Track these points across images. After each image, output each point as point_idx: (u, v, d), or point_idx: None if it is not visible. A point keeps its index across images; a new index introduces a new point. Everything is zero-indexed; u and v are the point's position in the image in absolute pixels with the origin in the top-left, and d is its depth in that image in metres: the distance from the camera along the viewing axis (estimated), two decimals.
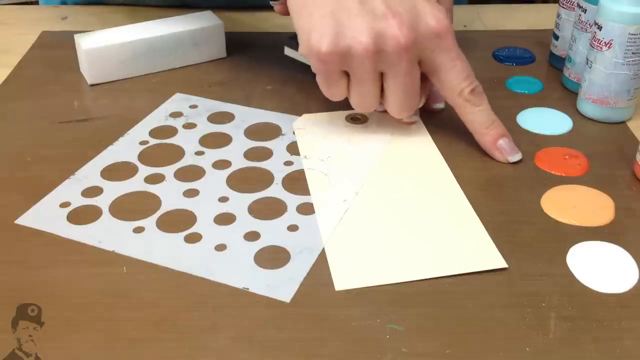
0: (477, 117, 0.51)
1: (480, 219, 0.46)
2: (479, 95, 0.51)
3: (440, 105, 0.57)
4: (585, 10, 0.57)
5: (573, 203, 0.48)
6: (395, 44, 0.47)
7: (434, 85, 0.53)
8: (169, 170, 0.51)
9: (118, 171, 0.51)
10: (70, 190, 0.49)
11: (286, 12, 0.53)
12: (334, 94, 0.51)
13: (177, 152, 0.53)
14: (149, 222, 0.46)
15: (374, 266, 0.43)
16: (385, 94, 0.51)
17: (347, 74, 0.50)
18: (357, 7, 0.47)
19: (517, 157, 0.51)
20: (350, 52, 0.47)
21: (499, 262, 0.43)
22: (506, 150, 0.51)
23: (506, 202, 0.48)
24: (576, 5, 0.59)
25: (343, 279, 0.42)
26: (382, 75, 0.50)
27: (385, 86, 0.50)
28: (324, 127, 0.56)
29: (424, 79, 0.51)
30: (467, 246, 0.44)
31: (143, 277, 0.42)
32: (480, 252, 0.43)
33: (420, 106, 0.54)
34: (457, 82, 0.50)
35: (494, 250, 0.43)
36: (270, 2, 0.56)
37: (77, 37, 0.62)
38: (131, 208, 0.47)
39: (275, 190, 0.49)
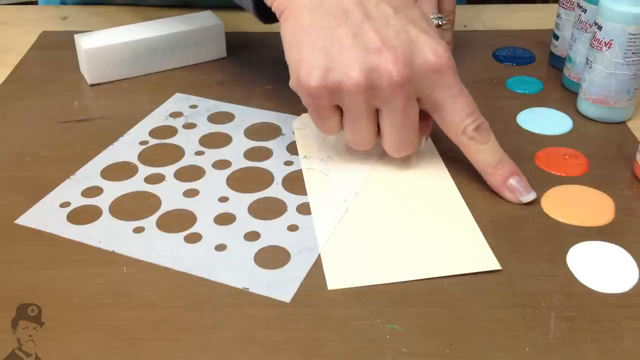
0: (484, 155, 0.48)
1: (480, 219, 0.46)
2: (484, 132, 0.47)
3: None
4: (585, 10, 0.57)
5: (573, 203, 0.48)
6: (388, 80, 0.44)
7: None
8: (169, 170, 0.51)
9: (118, 171, 0.51)
10: (70, 190, 0.49)
11: None
12: (327, 128, 0.48)
13: (177, 152, 0.53)
14: (149, 222, 0.46)
15: (367, 266, 0.43)
16: (382, 132, 0.48)
17: (340, 109, 0.47)
18: (350, 41, 0.45)
19: (530, 196, 0.47)
20: (341, 87, 0.45)
21: (493, 264, 0.43)
22: (518, 190, 0.47)
23: (506, 202, 0.48)
24: (576, 5, 0.59)
25: (336, 279, 0.42)
26: (377, 112, 0.47)
27: (380, 124, 0.47)
28: None
29: (426, 116, 0.49)
30: (462, 247, 0.44)
31: (143, 277, 0.42)
32: (474, 254, 0.43)
33: (422, 146, 0.51)
34: (459, 120, 0.47)
35: (488, 251, 0.43)
36: None
37: (77, 37, 0.62)
38: (131, 208, 0.47)
39: (275, 190, 0.49)
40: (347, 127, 0.48)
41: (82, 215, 0.47)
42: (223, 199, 0.48)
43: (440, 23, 0.58)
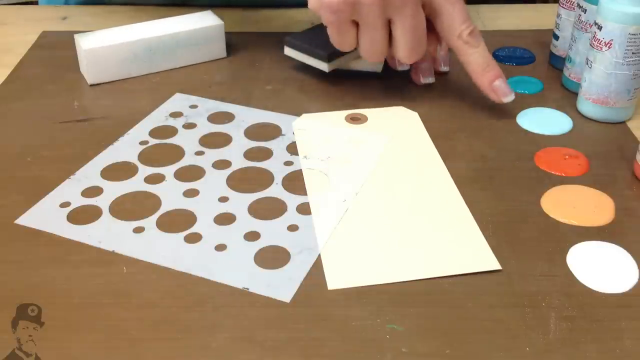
0: (475, 57, 0.56)
1: (481, 219, 0.46)
2: (476, 36, 0.55)
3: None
4: (585, 10, 0.57)
5: (573, 203, 0.48)
6: None
7: (438, 35, 0.57)
8: (169, 170, 0.51)
9: (118, 171, 0.51)
10: (70, 190, 0.49)
11: None
12: (345, 42, 0.55)
13: (177, 152, 0.53)
14: (149, 222, 0.46)
15: (367, 266, 0.43)
16: (395, 40, 0.54)
17: (356, 24, 0.54)
18: None
19: (510, 97, 0.56)
20: (360, 0, 0.51)
21: (493, 264, 0.43)
22: (501, 91, 0.56)
23: (506, 202, 0.48)
24: (576, 5, 0.59)
25: (336, 279, 0.42)
26: (389, 24, 0.53)
27: (393, 32, 0.54)
28: (324, 127, 0.56)
29: (429, 26, 0.55)
30: (462, 247, 0.44)
31: (143, 277, 0.42)
32: (474, 254, 0.43)
33: (440, 54, 0.60)
34: (456, 25, 0.55)
35: (488, 251, 0.43)
36: None
37: (77, 37, 0.62)
38: (131, 208, 0.47)
39: (275, 190, 0.49)
40: (364, 38, 0.54)
41: (82, 215, 0.47)
42: (223, 199, 0.48)
43: None
